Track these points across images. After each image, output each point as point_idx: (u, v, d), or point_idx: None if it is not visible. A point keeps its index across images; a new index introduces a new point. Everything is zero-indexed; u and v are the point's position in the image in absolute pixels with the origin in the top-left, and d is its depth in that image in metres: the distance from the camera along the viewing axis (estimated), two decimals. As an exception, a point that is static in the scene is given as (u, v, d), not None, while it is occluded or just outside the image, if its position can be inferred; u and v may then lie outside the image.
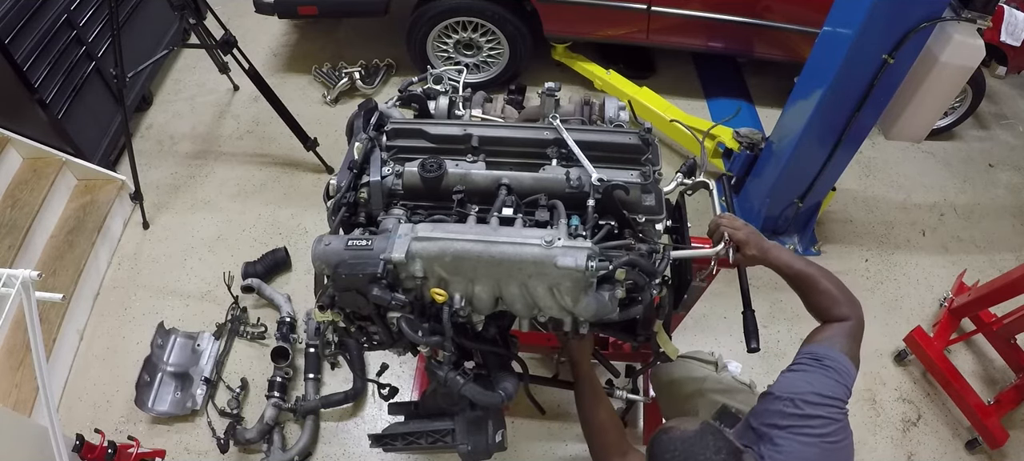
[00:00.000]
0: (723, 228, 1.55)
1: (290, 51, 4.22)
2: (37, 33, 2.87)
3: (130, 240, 3.14)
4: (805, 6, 3.27)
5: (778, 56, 3.63)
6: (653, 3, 3.40)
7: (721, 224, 1.56)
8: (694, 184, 1.73)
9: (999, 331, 2.57)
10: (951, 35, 2.40)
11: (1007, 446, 2.49)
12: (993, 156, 3.85)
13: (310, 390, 2.56)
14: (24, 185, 2.92)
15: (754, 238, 1.52)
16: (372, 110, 1.69)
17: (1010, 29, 3.16)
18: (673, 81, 4.04)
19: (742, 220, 1.57)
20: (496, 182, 1.53)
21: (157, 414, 2.51)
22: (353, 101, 3.86)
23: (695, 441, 1.22)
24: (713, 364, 1.94)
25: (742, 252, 1.53)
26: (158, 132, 3.66)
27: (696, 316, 2.84)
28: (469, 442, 1.62)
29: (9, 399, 2.36)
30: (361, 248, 1.36)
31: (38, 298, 1.65)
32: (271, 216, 3.24)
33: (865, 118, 2.56)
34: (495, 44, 3.66)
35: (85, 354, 2.73)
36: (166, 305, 2.88)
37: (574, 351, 1.72)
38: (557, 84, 1.67)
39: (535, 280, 1.37)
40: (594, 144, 1.57)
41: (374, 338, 1.60)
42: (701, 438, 1.23)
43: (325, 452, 2.47)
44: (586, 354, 1.74)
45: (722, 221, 1.57)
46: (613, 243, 1.40)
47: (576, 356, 1.73)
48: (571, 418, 2.57)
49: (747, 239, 1.52)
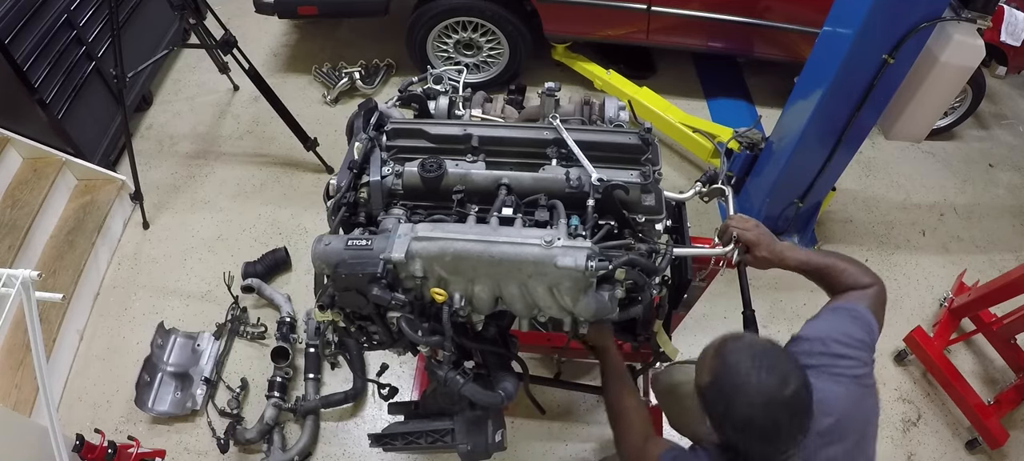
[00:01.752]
0: (733, 228, 1.55)
1: (290, 51, 4.22)
2: (37, 33, 2.88)
3: (130, 240, 3.14)
4: (805, 6, 3.26)
5: (778, 56, 3.63)
6: (653, 3, 3.40)
7: (730, 225, 1.56)
8: (711, 190, 1.73)
9: (999, 331, 2.57)
10: (951, 35, 2.41)
11: (1007, 446, 2.49)
12: (993, 156, 3.85)
13: (310, 390, 2.56)
14: (24, 185, 2.92)
15: (765, 239, 1.51)
16: (372, 110, 1.69)
17: (1010, 29, 3.16)
18: (673, 81, 4.04)
19: (754, 220, 1.55)
20: (496, 182, 1.53)
21: (157, 414, 2.51)
22: (353, 101, 3.86)
23: (770, 347, 1.22)
24: None
25: (752, 253, 1.53)
26: (158, 132, 3.66)
27: (696, 316, 2.83)
28: (469, 442, 1.62)
29: (9, 399, 2.36)
30: (361, 248, 1.36)
31: (38, 298, 1.65)
32: (271, 216, 3.24)
33: (865, 118, 2.56)
34: (495, 44, 3.66)
35: (85, 354, 2.73)
36: (166, 305, 2.88)
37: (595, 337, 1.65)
38: (557, 84, 1.67)
39: (535, 280, 1.37)
40: (594, 144, 1.57)
41: (374, 338, 1.60)
42: (774, 347, 1.22)
43: (325, 452, 2.47)
44: (608, 337, 1.67)
45: (732, 222, 1.56)
46: (613, 243, 1.40)
47: (599, 341, 1.67)
48: (571, 418, 2.57)
49: (758, 240, 1.51)
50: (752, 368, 1.18)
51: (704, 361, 1.28)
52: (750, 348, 1.22)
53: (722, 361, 1.23)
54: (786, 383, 1.17)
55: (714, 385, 1.23)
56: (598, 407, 2.59)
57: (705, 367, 1.27)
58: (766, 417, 1.17)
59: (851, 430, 1.29)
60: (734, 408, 1.19)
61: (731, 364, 1.21)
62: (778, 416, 1.17)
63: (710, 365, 1.25)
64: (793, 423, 1.18)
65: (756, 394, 1.17)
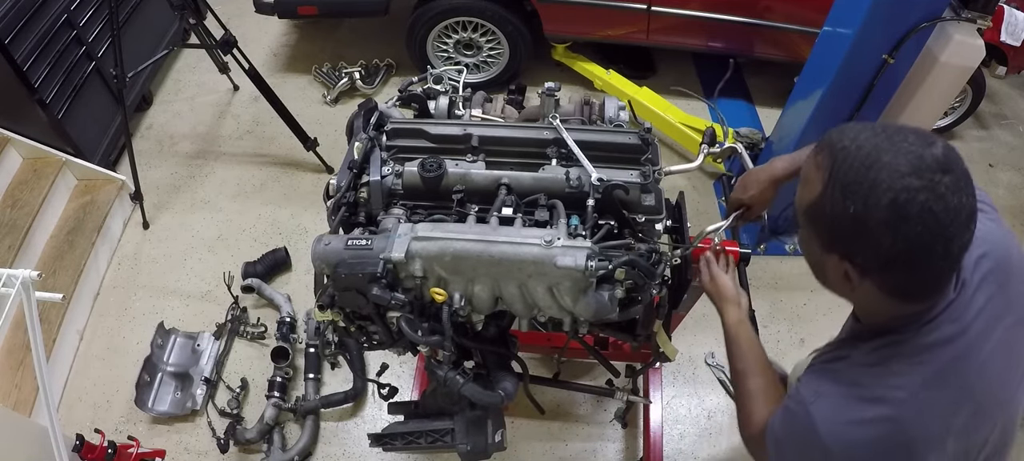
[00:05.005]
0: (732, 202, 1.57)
1: (290, 51, 4.23)
2: (37, 33, 2.87)
3: (130, 240, 3.14)
4: (805, 6, 3.26)
5: (778, 56, 3.63)
6: (653, 3, 3.40)
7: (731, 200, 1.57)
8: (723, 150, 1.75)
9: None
10: (951, 35, 2.40)
11: (1007, 446, 2.48)
12: (993, 156, 3.84)
13: (310, 390, 2.56)
14: (24, 185, 2.92)
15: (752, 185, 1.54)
16: (372, 110, 1.69)
17: (1010, 29, 3.16)
18: (673, 81, 4.04)
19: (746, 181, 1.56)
20: (496, 182, 1.53)
21: (157, 414, 2.51)
22: (353, 101, 3.86)
23: (895, 130, 0.93)
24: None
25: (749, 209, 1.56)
26: (158, 132, 3.66)
27: (696, 316, 2.81)
28: (469, 442, 1.62)
29: (9, 399, 2.36)
30: (361, 248, 1.36)
31: (38, 298, 1.65)
32: (271, 216, 3.24)
33: (865, 118, 2.56)
34: (495, 44, 3.66)
35: (85, 354, 2.73)
36: (166, 305, 2.88)
37: (711, 294, 1.49)
38: (557, 84, 1.67)
39: (535, 280, 1.37)
40: (594, 144, 1.57)
41: (374, 338, 1.60)
42: (900, 129, 0.93)
43: (325, 452, 2.47)
44: (725, 297, 1.44)
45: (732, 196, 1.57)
46: (613, 243, 1.40)
47: (717, 304, 1.47)
48: (571, 418, 2.57)
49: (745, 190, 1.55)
50: (878, 136, 0.91)
51: (808, 173, 0.99)
52: (862, 127, 0.94)
53: (833, 148, 0.94)
54: (930, 141, 0.89)
55: (833, 182, 0.92)
56: (598, 407, 2.59)
57: (812, 173, 0.97)
58: (921, 185, 0.86)
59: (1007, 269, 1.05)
60: (874, 194, 0.88)
61: (848, 145, 0.92)
62: (935, 182, 0.86)
63: (819, 163, 0.96)
64: (957, 198, 0.87)
65: (899, 161, 0.87)
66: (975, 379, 1.00)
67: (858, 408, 1.00)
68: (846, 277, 0.99)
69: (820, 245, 1.01)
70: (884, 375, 1.01)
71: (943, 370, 0.99)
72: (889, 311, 1.02)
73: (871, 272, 0.96)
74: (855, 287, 0.99)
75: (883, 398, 0.99)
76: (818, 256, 1.03)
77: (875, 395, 1.00)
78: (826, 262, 1.01)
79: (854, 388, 1.03)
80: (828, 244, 0.99)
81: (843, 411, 1.01)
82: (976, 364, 1.00)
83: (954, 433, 0.99)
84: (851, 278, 0.98)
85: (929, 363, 1.00)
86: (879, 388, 1.00)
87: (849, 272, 0.98)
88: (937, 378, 0.99)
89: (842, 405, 1.02)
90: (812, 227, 1.00)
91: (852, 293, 1.03)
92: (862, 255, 0.95)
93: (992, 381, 1.02)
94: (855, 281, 0.98)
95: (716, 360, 2.74)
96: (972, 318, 1.01)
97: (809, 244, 1.05)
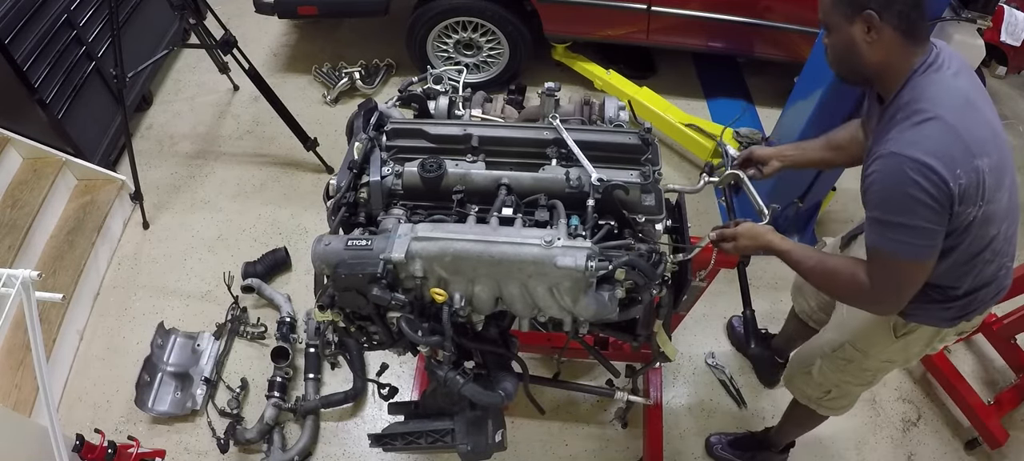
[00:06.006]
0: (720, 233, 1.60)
1: (290, 51, 4.23)
2: (37, 33, 2.87)
3: (130, 240, 3.14)
4: (805, 6, 3.26)
5: (778, 56, 3.63)
6: (653, 3, 3.40)
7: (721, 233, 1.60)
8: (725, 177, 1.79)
9: (999, 331, 2.57)
10: (951, 35, 2.40)
11: (1007, 446, 2.48)
12: (993, 156, 3.84)
13: (310, 390, 2.56)
14: (24, 185, 2.92)
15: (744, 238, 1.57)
16: (372, 110, 1.69)
17: (1010, 29, 3.15)
18: (673, 81, 4.04)
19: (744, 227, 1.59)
20: (496, 182, 1.53)
21: (157, 414, 2.51)
22: (353, 101, 3.86)
23: None
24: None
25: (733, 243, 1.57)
26: (158, 132, 3.66)
27: (696, 316, 2.84)
28: (469, 442, 1.62)
29: (9, 399, 2.36)
30: (361, 248, 1.36)
31: (38, 298, 1.64)
32: (271, 216, 3.24)
33: (865, 118, 2.56)
34: (495, 44, 3.66)
35: (85, 354, 2.73)
36: (166, 305, 2.88)
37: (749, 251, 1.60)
38: (557, 84, 1.67)
39: (535, 280, 1.37)
40: (594, 144, 1.57)
41: (374, 338, 1.60)
42: None
43: (325, 452, 2.47)
44: (759, 237, 1.57)
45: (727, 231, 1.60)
46: (613, 243, 1.40)
47: (762, 249, 1.57)
48: (571, 418, 2.57)
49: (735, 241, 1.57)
50: None
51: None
52: None
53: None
54: None
55: None
56: (598, 407, 2.59)
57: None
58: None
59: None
60: None
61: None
62: None
63: None
64: None
65: None
66: (981, 103, 1.38)
67: (915, 130, 1.28)
68: (870, 33, 1.30)
69: (846, 19, 1.32)
70: (923, 108, 1.29)
71: (961, 91, 1.33)
72: (903, 60, 1.33)
73: (889, 11, 1.28)
74: (878, 39, 1.31)
75: (934, 115, 1.28)
76: (846, 36, 1.34)
77: (926, 115, 1.28)
78: (854, 34, 1.33)
79: (907, 132, 1.29)
80: (851, 11, 1.31)
81: (907, 144, 1.28)
82: (973, 95, 1.36)
83: (986, 152, 1.30)
84: (875, 29, 1.30)
85: (951, 91, 1.31)
86: (927, 112, 1.28)
87: (873, 25, 1.29)
88: (962, 100, 1.32)
89: (902, 140, 1.28)
90: (838, 9, 1.32)
91: (874, 50, 1.32)
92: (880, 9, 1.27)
93: (985, 108, 1.40)
94: (877, 31, 1.30)
95: (716, 360, 2.75)
96: (952, 73, 1.34)
97: (836, 35, 1.37)
